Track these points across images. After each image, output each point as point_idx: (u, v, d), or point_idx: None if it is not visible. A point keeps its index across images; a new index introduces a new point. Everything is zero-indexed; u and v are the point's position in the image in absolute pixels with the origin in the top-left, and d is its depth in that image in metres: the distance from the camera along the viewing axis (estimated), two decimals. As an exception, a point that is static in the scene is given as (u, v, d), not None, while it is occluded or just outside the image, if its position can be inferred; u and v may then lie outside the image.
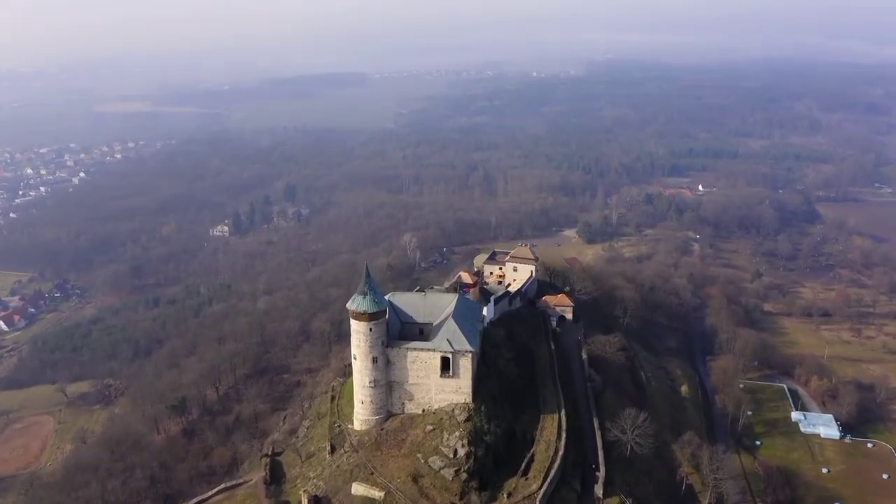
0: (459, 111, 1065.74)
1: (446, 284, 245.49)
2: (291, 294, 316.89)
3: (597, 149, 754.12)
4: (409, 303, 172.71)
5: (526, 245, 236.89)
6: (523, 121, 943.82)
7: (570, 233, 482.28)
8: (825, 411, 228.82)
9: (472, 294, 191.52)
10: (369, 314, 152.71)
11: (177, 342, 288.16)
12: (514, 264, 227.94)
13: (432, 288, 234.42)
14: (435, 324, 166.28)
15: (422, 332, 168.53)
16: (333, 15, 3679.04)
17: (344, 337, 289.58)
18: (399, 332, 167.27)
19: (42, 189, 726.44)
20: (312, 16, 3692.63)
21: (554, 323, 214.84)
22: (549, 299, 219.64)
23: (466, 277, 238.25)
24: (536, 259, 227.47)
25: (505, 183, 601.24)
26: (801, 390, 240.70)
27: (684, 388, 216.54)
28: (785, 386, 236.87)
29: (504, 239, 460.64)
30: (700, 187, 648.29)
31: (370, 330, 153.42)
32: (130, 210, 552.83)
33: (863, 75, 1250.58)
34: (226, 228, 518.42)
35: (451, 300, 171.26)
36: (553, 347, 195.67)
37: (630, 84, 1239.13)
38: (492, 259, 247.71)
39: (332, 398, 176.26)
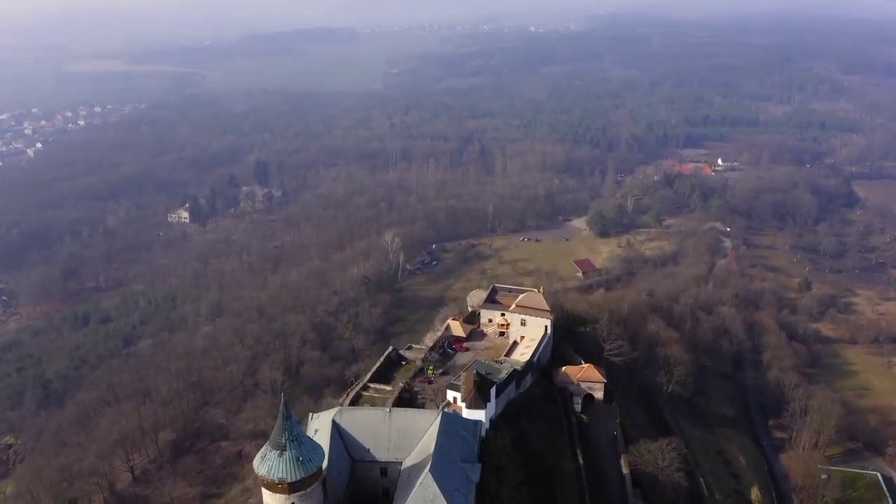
0: (453, 72, 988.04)
1: (428, 340, 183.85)
2: (239, 323, 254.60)
3: (604, 117, 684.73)
4: (366, 427, 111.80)
5: (539, 290, 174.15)
6: (522, 83, 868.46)
7: (580, 223, 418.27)
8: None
9: (464, 392, 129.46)
10: (290, 484, 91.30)
11: (92, 392, 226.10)
12: (523, 316, 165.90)
13: (408, 349, 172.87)
14: (405, 466, 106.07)
15: (384, 474, 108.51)
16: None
17: (303, 387, 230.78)
18: (349, 476, 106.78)
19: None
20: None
21: (578, 406, 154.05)
22: (572, 372, 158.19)
23: (457, 328, 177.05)
24: (552, 311, 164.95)
25: (503, 160, 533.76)
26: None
27: (755, 494, 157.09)
28: (879, 476, 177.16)
29: (503, 232, 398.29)
30: (720, 161, 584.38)
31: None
32: (78, 193, 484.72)
33: (878, 32, 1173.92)
34: (185, 214, 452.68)
35: (428, 423, 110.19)
36: (581, 460, 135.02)
37: (634, 41, 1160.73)
38: (492, 300, 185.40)
39: None
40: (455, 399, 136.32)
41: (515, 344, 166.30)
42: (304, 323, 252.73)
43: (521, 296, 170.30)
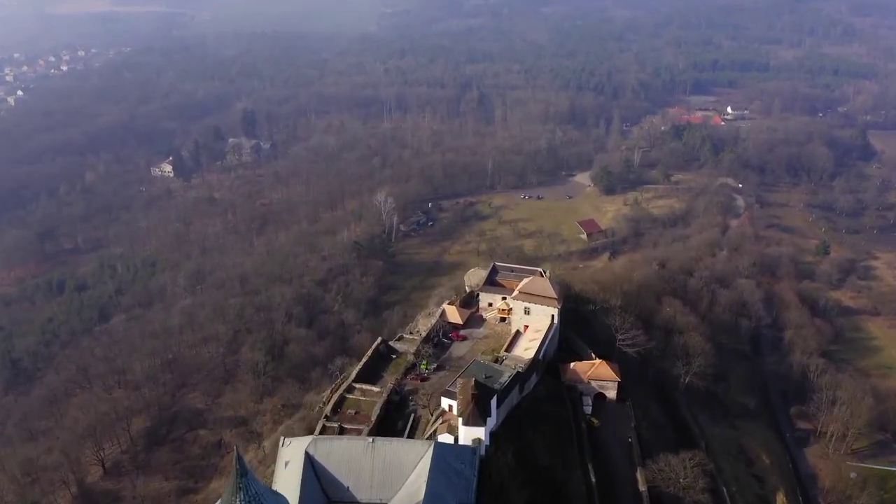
0: (451, 11, 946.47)
1: (421, 326, 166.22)
2: (220, 296, 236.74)
3: (608, 61, 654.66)
4: (346, 461, 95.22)
5: (545, 274, 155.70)
6: (523, 24, 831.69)
7: (584, 178, 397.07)
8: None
9: (460, 405, 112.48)
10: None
11: (62, 374, 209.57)
12: (527, 304, 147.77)
13: (399, 339, 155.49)
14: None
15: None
16: None
17: (287, 368, 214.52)
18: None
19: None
20: None
21: (589, 408, 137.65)
22: (582, 369, 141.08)
23: (453, 314, 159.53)
24: (559, 298, 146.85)
25: (503, 109, 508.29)
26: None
27: (780, 500, 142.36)
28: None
29: (503, 189, 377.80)
30: (729, 109, 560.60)
31: None
32: (57, 147, 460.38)
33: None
34: (168, 168, 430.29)
35: (418, 456, 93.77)
36: (593, 477, 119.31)
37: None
38: (492, 281, 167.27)
39: None
40: (450, 407, 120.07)
41: (518, 334, 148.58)
42: (289, 295, 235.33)
43: (526, 281, 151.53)
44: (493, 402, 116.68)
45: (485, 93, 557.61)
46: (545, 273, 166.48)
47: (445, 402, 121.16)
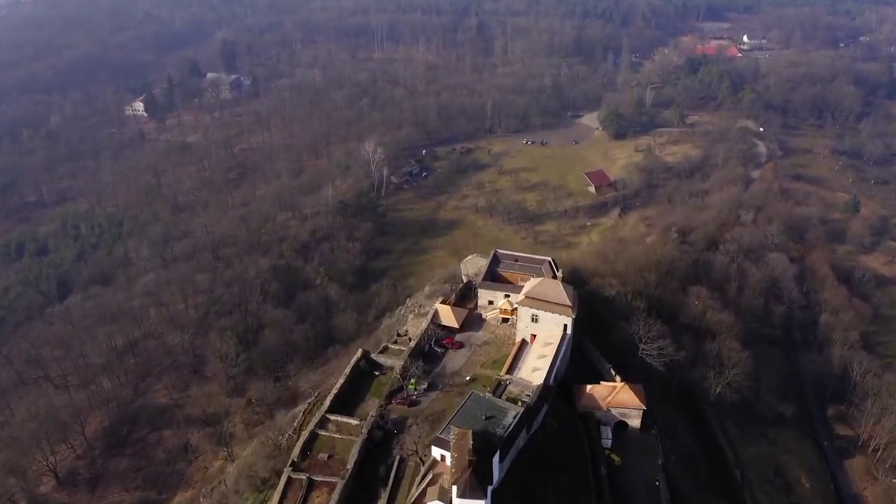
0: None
1: (409, 326, 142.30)
2: (189, 269, 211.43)
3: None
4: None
5: (557, 274, 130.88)
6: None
7: (591, 119, 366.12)
8: None
9: (455, 468, 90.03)
10: None
11: (10, 367, 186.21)
12: (534, 310, 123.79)
13: (383, 351, 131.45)
14: None
15: None
16: None
17: (261, 360, 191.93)
18: None
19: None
20: None
21: (608, 441, 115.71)
22: (600, 394, 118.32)
23: (447, 315, 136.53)
24: (574, 306, 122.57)
25: (504, 39, 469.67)
26: None
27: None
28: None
29: (504, 133, 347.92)
30: (745, 38, 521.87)
31: None
32: (22, 84, 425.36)
33: None
34: (141, 106, 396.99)
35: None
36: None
37: None
38: (493, 274, 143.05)
39: None
40: (443, 457, 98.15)
41: (524, 345, 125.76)
42: (265, 267, 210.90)
43: (533, 283, 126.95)
44: (496, 459, 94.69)
45: (484, 20, 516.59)
46: (554, 265, 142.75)
47: (436, 452, 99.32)
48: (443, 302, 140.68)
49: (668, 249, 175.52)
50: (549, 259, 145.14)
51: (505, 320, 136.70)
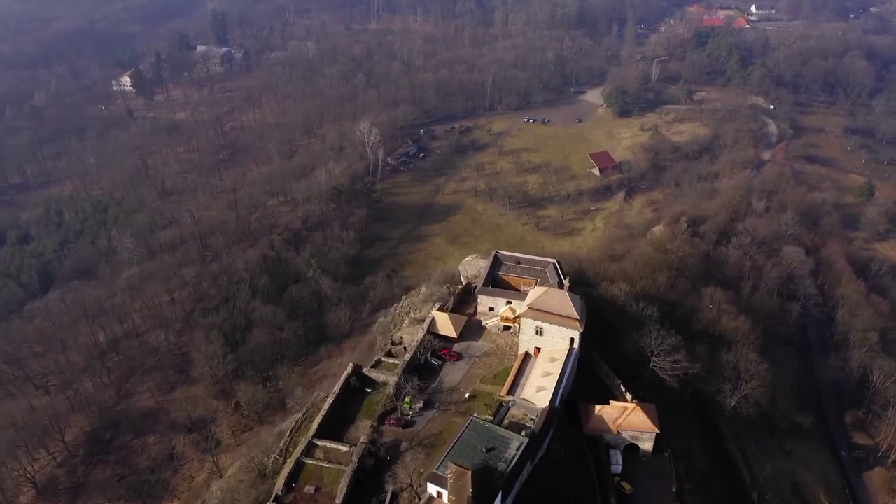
0: None
1: (405, 334, 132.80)
2: (174, 261, 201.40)
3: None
4: None
5: (564, 282, 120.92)
6: None
7: (595, 95, 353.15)
8: None
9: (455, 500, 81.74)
10: None
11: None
12: (539, 323, 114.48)
13: (376, 365, 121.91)
14: None
15: None
16: None
17: (249, 362, 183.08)
18: None
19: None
20: None
21: (618, 466, 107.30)
22: (610, 415, 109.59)
23: (444, 324, 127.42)
24: (583, 319, 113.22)
25: (505, 10, 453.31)
26: None
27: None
28: None
29: (504, 110, 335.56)
30: (753, 9, 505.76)
31: None
32: (5, 59, 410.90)
33: None
34: (128, 82, 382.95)
35: None
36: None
37: None
38: (493, 278, 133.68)
39: None
40: (440, 494, 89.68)
41: (528, 359, 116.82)
42: (254, 260, 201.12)
43: (538, 292, 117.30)
44: (499, 499, 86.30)
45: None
46: (560, 268, 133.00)
47: (432, 489, 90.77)
48: (440, 308, 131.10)
49: (679, 245, 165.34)
50: (554, 261, 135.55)
51: (507, 328, 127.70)
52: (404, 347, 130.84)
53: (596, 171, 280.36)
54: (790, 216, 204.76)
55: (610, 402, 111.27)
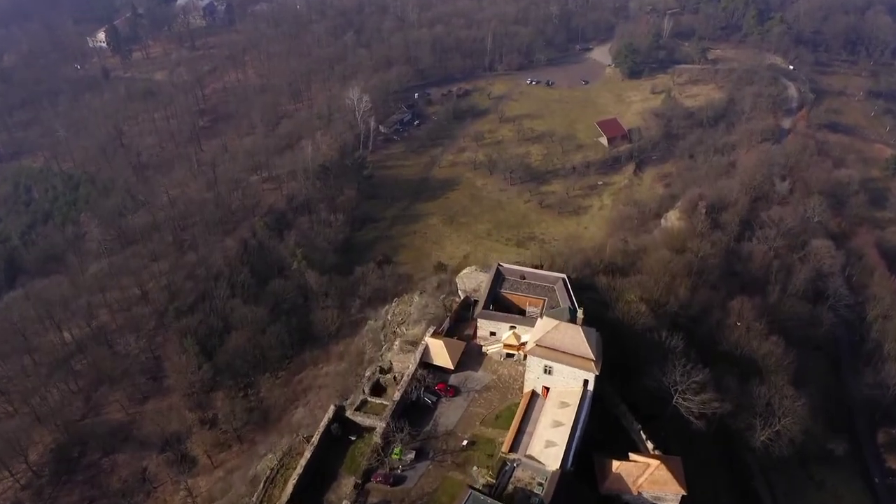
0: None
1: (394, 361, 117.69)
2: (147, 252, 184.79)
3: None
4: None
5: (577, 313, 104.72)
6: None
7: (602, 53, 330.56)
8: None
9: None
10: None
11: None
12: (548, 362, 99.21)
13: (360, 408, 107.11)
14: None
15: None
16: None
17: (225, 369, 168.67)
18: None
19: None
20: None
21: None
22: (629, 473, 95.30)
23: (439, 353, 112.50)
24: (599, 358, 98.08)
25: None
26: None
27: None
28: None
29: (505, 71, 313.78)
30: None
31: None
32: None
33: None
34: (102, 37, 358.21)
35: None
36: None
37: None
38: (494, 297, 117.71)
39: None
40: (434, 587, 76.43)
41: (534, 398, 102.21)
42: (234, 251, 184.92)
43: (547, 326, 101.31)
44: None
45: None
46: (570, 289, 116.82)
47: (425, 583, 77.44)
48: (434, 332, 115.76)
49: (699, 244, 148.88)
50: (563, 276, 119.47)
51: (510, 355, 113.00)
52: (394, 377, 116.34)
53: (604, 140, 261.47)
54: (816, 201, 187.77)
55: (630, 455, 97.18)
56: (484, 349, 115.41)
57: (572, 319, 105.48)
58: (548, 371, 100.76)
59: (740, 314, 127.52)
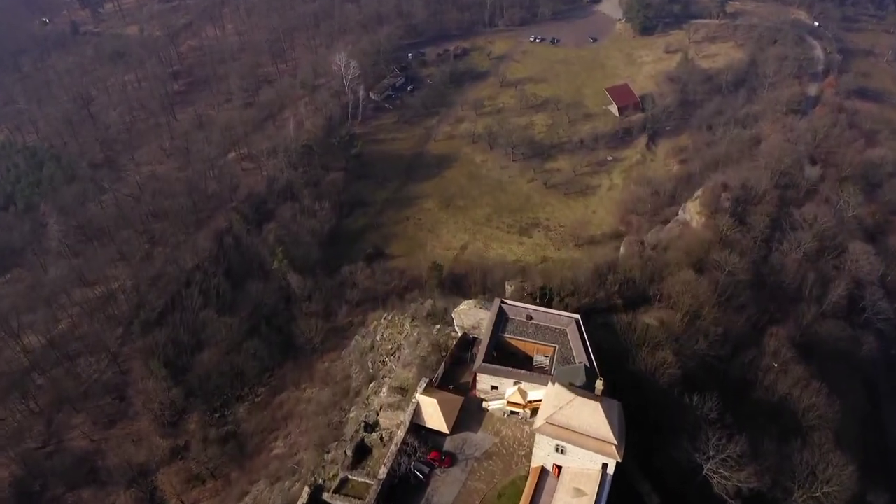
0: None
1: (382, 420, 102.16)
2: (109, 252, 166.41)
3: None
4: None
5: (596, 386, 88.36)
6: None
7: (612, 6, 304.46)
8: None
9: None
10: None
11: None
12: (561, 442, 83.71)
13: (340, 490, 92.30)
14: None
15: None
16: None
17: (198, 391, 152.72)
18: None
19: None
20: None
21: None
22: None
23: (433, 414, 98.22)
24: (622, 441, 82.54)
25: None
26: None
27: None
28: None
29: (507, 26, 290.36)
30: None
31: None
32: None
33: None
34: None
35: None
36: None
37: None
38: (497, 343, 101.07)
39: None
40: None
41: (545, 476, 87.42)
42: (206, 249, 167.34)
43: (560, 402, 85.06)
44: None
45: None
46: (584, 334, 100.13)
47: None
48: (427, 386, 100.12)
49: (726, 256, 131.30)
50: (577, 318, 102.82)
51: (513, 412, 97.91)
52: (381, 437, 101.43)
53: (614, 109, 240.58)
54: (852, 191, 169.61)
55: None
56: (484, 405, 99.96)
57: (589, 382, 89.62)
58: (560, 451, 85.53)
59: (776, 353, 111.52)
